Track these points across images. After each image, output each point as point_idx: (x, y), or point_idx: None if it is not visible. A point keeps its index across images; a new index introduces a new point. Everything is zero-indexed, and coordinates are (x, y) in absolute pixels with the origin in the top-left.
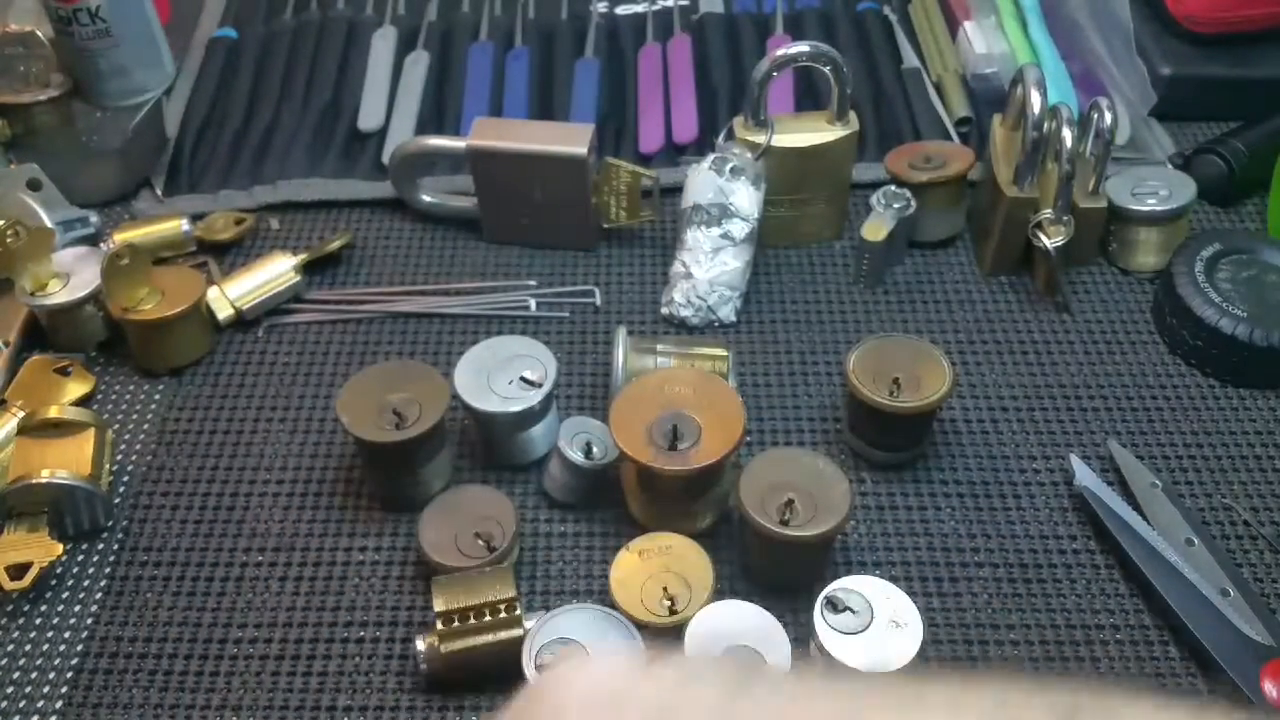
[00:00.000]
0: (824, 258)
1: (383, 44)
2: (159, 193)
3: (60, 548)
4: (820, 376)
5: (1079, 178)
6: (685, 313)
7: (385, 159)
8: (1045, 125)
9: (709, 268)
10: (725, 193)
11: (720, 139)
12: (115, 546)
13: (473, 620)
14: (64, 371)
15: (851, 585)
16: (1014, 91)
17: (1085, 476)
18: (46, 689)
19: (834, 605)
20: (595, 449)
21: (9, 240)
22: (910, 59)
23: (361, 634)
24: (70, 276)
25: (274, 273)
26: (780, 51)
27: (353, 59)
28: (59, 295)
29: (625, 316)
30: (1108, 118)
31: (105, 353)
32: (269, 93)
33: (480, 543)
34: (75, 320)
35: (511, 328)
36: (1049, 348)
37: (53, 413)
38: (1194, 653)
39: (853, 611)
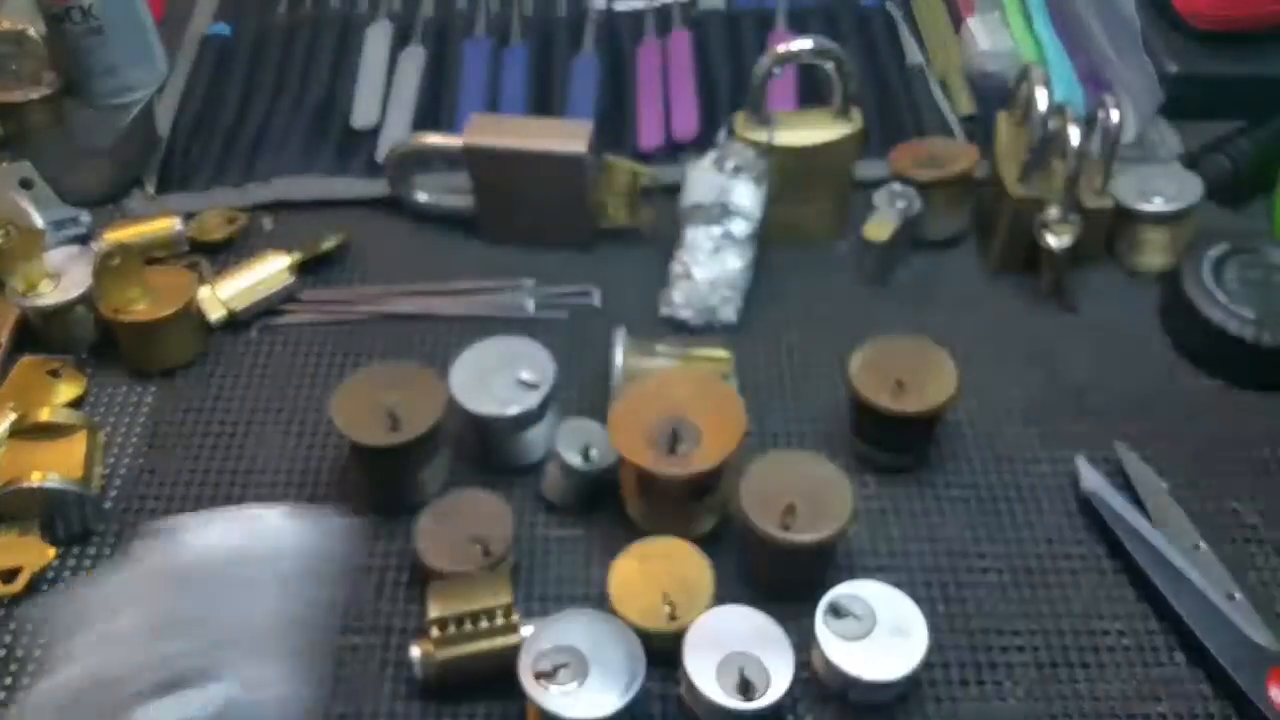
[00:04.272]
0: (827, 257)
1: (377, 39)
2: (151, 191)
3: (52, 551)
4: (823, 378)
5: (1085, 176)
6: (685, 313)
7: (380, 157)
8: (1051, 123)
9: (709, 267)
10: (726, 191)
11: (721, 136)
12: (107, 550)
13: (469, 626)
14: (55, 373)
15: (855, 591)
16: (1019, 89)
17: (1092, 480)
18: None
19: (837, 611)
20: (594, 452)
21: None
22: (914, 55)
23: (356, 640)
24: (61, 277)
25: (267, 273)
26: (782, 47)
27: (347, 55)
28: (50, 296)
29: (624, 317)
30: (1114, 116)
31: (96, 354)
32: (262, 90)
33: (477, 547)
34: (66, 321)
35: (509, 328)
36: (1055, 348)
37: (44, 415)
38: (1200, 658)
39: (856, 617)
